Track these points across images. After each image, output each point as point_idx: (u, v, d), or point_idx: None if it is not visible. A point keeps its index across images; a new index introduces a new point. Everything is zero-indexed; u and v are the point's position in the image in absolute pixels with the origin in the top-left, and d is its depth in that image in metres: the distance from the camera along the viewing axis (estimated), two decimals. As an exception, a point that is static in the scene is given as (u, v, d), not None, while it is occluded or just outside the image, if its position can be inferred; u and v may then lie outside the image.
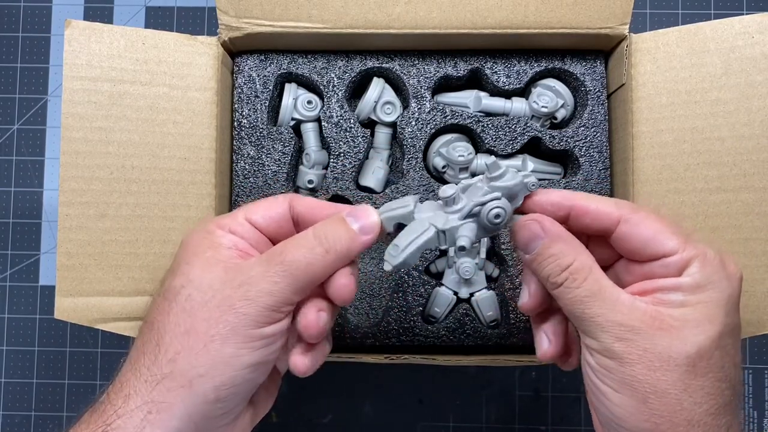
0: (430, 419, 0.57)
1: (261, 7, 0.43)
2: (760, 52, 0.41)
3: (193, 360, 0.29)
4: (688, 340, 0.29)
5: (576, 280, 0.30)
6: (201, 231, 0.33)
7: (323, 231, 0.32)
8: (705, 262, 0.30)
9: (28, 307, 0.59)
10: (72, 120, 0.41)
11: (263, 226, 0.33)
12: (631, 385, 0.29)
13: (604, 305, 0.30)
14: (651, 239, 0.31)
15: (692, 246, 0.30)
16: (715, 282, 0.30)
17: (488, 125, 0.46)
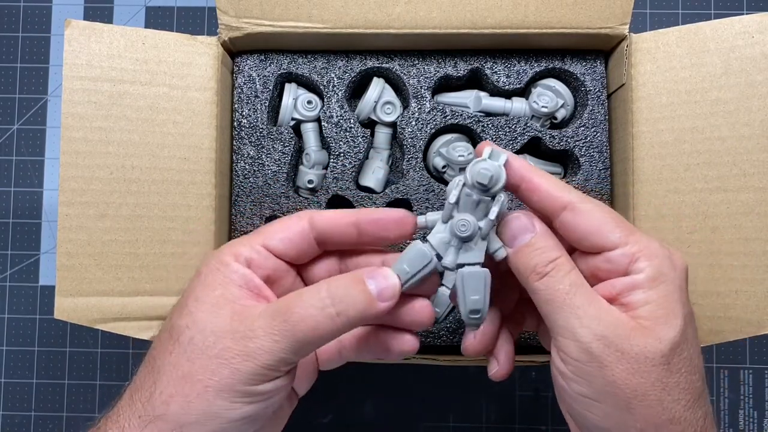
0: (431, 419, 0.57)
1: (261, 7, 0.43)
2: (760, 52, 0.41)
3: (186, 407, 0.29)
4: (662, 338, 0.29)
5: (561, 271, 0.30)
6: (215, 261, 0.31)
7: (337, 291, 0.29)
8: (651, 254, 0.30)
9: (28, 307, 0.59)
10: (72, 120, 0.41)
11: (282, 252, 0.32)
12: (612, 393, 0.29)
13: (585, 298, 0.30)
14: (595, 231, 0.30)
15: (635, 239, 0.30)
16: (666, 274, 0.30)
17: (488, 125, 0.46)
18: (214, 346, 0.29)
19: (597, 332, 0.29)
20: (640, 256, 0.30)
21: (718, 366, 0.57)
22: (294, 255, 0.32)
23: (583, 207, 0.31)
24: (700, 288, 0.41)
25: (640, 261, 0.30)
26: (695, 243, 0.41)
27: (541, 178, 0.32)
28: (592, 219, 0.30)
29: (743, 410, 0.57)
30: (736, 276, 0.40)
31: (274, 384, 0.30)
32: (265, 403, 0.30)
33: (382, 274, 0.30)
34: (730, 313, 0.40)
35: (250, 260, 0.31)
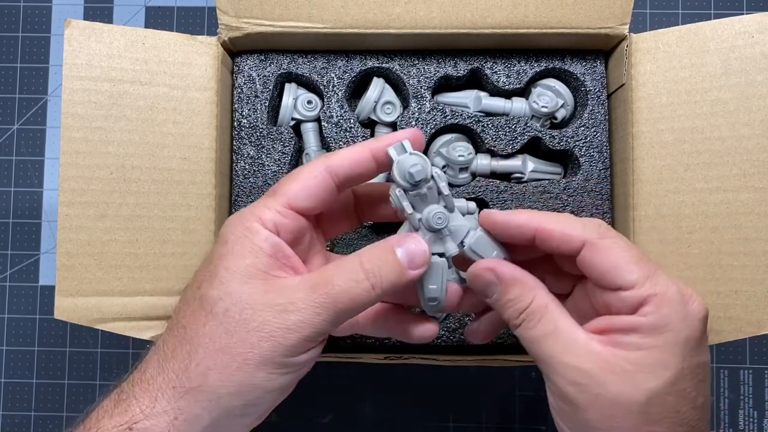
0: (430, 419, 0.57)
1: (261, 7, 0.43)
2: (760, 52, 0.41)
3: (225, 379, 0.29)
4: (639, 386, 0.28)
5: (531, 321, 0.30)
6: (240, 227, 0.31)
7: (371, 263, 0.30)
8: (663, 301, 0.29)
9: (28, 307, 0.59)
10: (72, 120, 0.41)
11: (307, 208, 0.32)
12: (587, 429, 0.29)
13: (557, 345, 0.29)
14: (612, 269, 0.30)
15: (653, 282, 0.29)
16: (672, 324, 0.29)
17: (488, 125, 0.46)
18: (252, 319, 0.29)
19: (570, 378, 0.29)
20: (651, 301, 0.29)
21: (718, 366, 0.57)
22: (318, 208, 0.32)
23: (601, 244, 0.30)
24: (700, 288, 0.41)
25: (648, 305, 0.29)
26: (695, 243, 0.41)
27: (552, 223, 0.31)
28: (610, 257, 0.30)
29: (743, 410, 0.57)
30: (736, 276, 0.40)
31: (310, 354, 0.30)
32: (298, 373, 0.31)
33: (413, 241, 0.31)
34: (730, 313, 0.40)
35: (278, 224, 0.31)
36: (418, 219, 0.32)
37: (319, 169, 0.32)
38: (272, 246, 0.31)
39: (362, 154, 0.32)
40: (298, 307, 0.29)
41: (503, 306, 0.31)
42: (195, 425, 0.29)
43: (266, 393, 0.30)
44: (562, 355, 0.29)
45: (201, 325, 0.30)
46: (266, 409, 0.32)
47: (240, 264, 0.30)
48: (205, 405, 0.29)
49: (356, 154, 0.32)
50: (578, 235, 0.30)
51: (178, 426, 0.29)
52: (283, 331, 0.29)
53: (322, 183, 0.32)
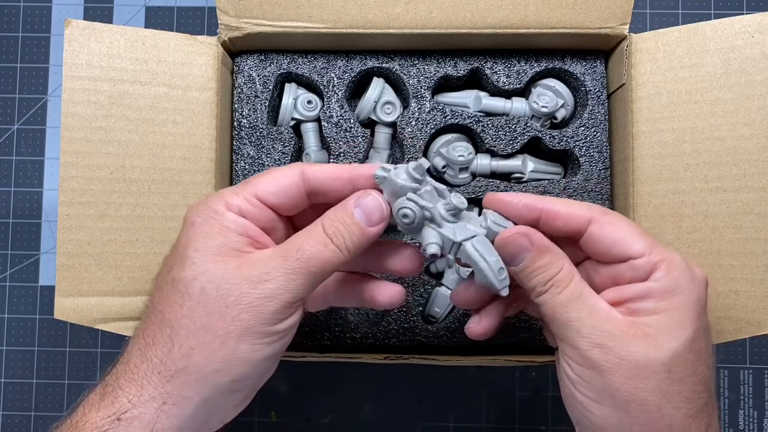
0: (430, 419, 0.57)
1: (261, 7, 0.43)
2: (760, 52, 0.41)
3: (210, 356, 0.29)
4: (662, 347, 0.29)
5: (560, 287, 0.31)
6: (207, 210, 0.31)
7: (334, 226, 0.31)
8: (672, 266, 0.30)
9: (28, 307, 0.59)
10: (72, 120, 0.41)
11: (274, 204, 0.32)
12: (611, 395, 0.29)
13: (583, 309, 0.30)
14: (619, 240, 0.31)
15: (659, 250, 0.31)
16: (683, 286, 0.30)
17: (488, 125, 0.46)
18: (229, 294, 0.29)
19: (595, 341, 0.30)
20: (661, 266, 0.30)
21: (718, 366, 0.57)
22: (286, 207, 0.33)
23: (607, 219, 0.32)
24: (700, 288, 0.41)
25: (658, 270, 0.30)
26: (695, 243, 0.41)
27: (557, 204, 0.32)
28: (617, 229, 0.31)
29: (743, 410, 0.57)
30: (736, 276, 0.40)
31: (291, 320, 0.31)
32: (283, 341, 0.31)
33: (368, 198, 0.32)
34: (730, 313, 0.40)
35: (243, 211, 0.31)
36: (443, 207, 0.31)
37: (293, 171, 0.32)
38: (240, 226, 0.31)
39: (341, 173, 0.32)
40: (273, 276, 0.30)
41: (532, 272, 0.32)
42: (185, 407, 0.30)
43: (253, 365, 0.30)
44: (588, 318, 0.30)
45: (178, 307, 0.30)
46: (256, 382, 0.32)
47: (210, 244, 0.30)
48: (192, 386, 0.29)
49: (335, 171, 0.32)
50: (583, 214, 0.32)
51: (167, 410, 0.29)
52: (262, 300, 0.29)
53: (294, 185, 0.32)
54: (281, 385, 0.57)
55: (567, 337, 0.31)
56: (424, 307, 0.46)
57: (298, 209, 0.33)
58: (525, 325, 0.45)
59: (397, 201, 0.31)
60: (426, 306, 0.46)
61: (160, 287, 0.31)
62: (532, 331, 0.45)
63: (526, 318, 0.45)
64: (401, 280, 0.45)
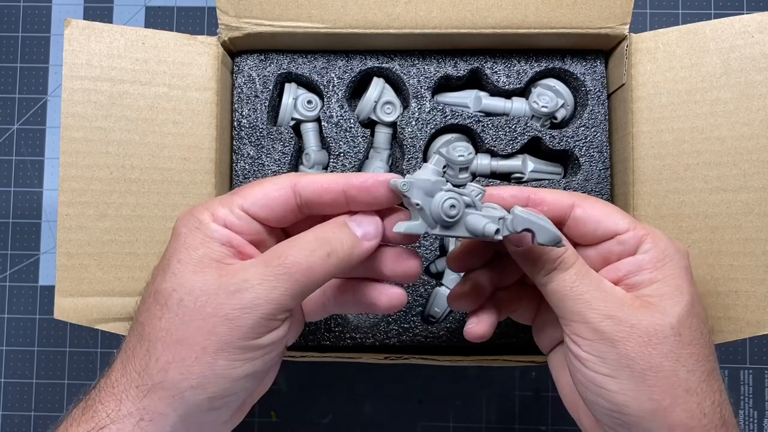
0: (430, 419, 0.57)
1: (261, 7, 0.43)
2: (760, 52, 0.41)
3: (185, 371, 0.28)
4: (667, 311, 0.30)
5: (566, 264, 0.31)
6: (192, 221, 0.30)
7: (324, 234, 0.30)
8: (656, 238, 0.32)
9: (28, 307, 0.59)
10: (72, 120, 0.41)
11: (261, 217, 0.31)
12: (627, 365, 0.30)
13: (591, 284, 0.31)
14: (604, 219, 0.32)
15: (641, 225, 0.32)
16: (671, 254, 0.32)
17: (488, 125, 0.46)
18: (206, 305, 0.28)
19: (605, 312, 0.30)
20: (647, 239, 0.32)
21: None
22: (275, 221, 0.31)
23: (589, 201, 0.33)
24: (700, 288, 0.41)
25: (645, 243, 0.32)
26: (695, 243, 0.41)
27: (542, 191, 0.33)
28: (601, 209, 0.33)
29: (743, 410, 0.57)
30: (736, 276, 0.40)
31: (274, 335, 0.29)
32: (265, 358, 0.30)
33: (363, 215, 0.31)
34: (730, 313, 0.40)
35: (229, 223, 0.30)
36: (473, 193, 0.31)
37: (284, 184, 0.31)
38: (224, 236, 0.30)
39: (333, 184, 0.31)
40: (251, 285, 0.28)
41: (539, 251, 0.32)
42: (161, 425, 0.28)
43: (232, 382, 0.29)
44: (596, 291, 0.31)
45: (157, 320, 0.29)
46: (238, 401, 0.30)
47: (192, 255, 0.29)
48: (168, 402, 0.28)
49: (327, 183, 0.31)
50: (566, 199, 0.33)
51: (144, 427, 0.28)
52: (239, 312, 0.28)
53: (283, 197, 0.31)
54: (281, 385, 0.57)
55: (577, 312, 0.31)
56: (424, 307, 0.46)
57: (288, 222, 0.32)
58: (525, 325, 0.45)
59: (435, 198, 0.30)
60: (426, 306, 0.46)
61: (143, 299, 0.30)
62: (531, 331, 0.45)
63: (526, 318, 0.45)
64: (401, 280, 0.45)
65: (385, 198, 0.31)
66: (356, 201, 0.31)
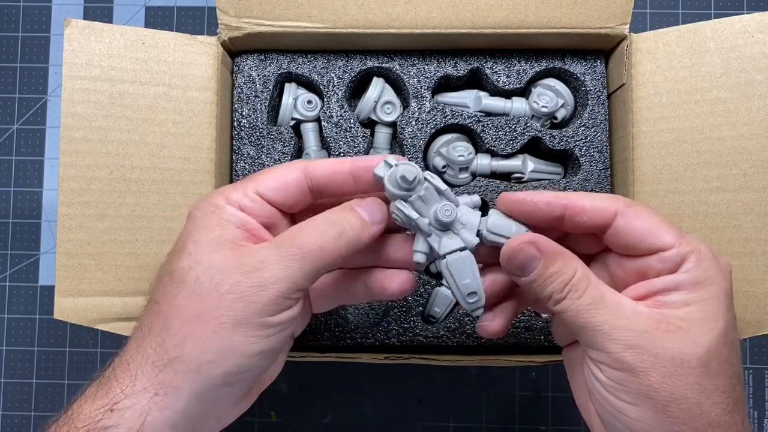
0: (430, 419, 0.57)
1: (261, 7, 0.43)
2: (760, 52, 0.41)
3: (202, 346, 0.29)
4: (697, 340, 0.28)
5: (578, 291, 0.30)
6: (209, 205, 0.31)
7: (335, 216, 0.31)
8: (700, 257, 0.29)
9: (27, 307, 0.59)
10: (72, 120, 0.41)
11: (276, 200, 0.32)
12: (648, 396, 0.28)
13: (608, 311, 0.29)
14: (648, 233, 0.30)
15: (687, 241, 0.30)
16: (712, 277, 0.29)
17: (488, 125, 0.46)
18: (223, 283, 0.29)
19: (627, 342, 0.28)
20: (691, 257, 0.29)
21: (718, 366, 0.57)
22: (288, 204, 0.32)
23: (633, 211, 0.30)
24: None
25: (688, 261, 0.29)
26: (695, 243, 0.41)
27: (581, 198, 0.31)
28: (645, 221, 0.30)
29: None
30: (736, 276, 0.40)
31: (288, 314, 0.30)
32: (278, 336, 0.30)
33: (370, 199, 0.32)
34: (730, 313, 0.40)
35: (243, 206, 0.31)
36: (427, 223, 0.32)
37: (295, 168, 0.32)
38: (239, 219, 0.31)
39: (341, 166, 0.32)
40: (267, 264, 0.29)
41: (546, 280, 0.30)
42: (177, 399, 0.29)
43: (247, 359, 0.30)
44: (616, 320, 0.29)
45: (173, 297, 0.30)
46: (250, 380, 0.31)
47: (208, 236, 0.30)
48: (184, 376, 0.29)
49: (335, 165, 0.32)
50: (608, 207, 0.31)
51: (159, 401, 0.29)
52: (255, 289, 0.29)
53: (296, 181, 0.32)
54: (281, 385, 0.57)
55: (596, 342, 0.29)
56: (424, 307, 0.46)
57: (300, 206, 0.33)
58: (525, 325, 0.45)
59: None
60: (426, 306, 0.46)
61: (158, 278, 0.31)
62: (532, 331, 0.45)
63: (526, 318, 0.45)
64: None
65: None
66: (363, 181, 0.32)
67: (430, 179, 0.32)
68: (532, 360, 0.42)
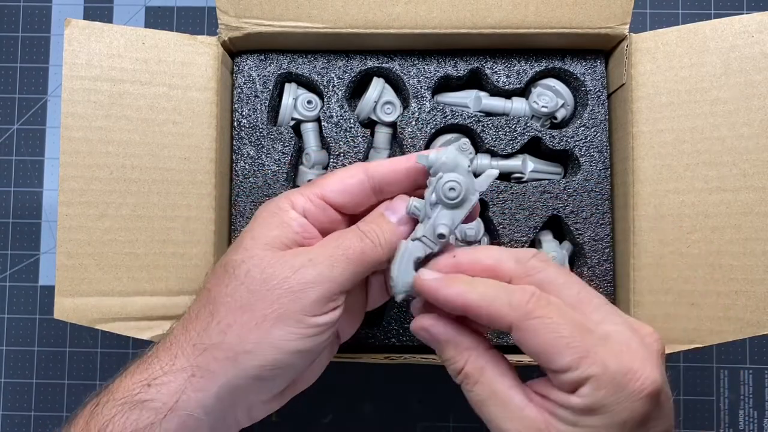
0: (430, 419, 0.57)
1: (261, 7, 0.43)
2: (760, 52, 0.41)
3: (243, 335, 0.30)
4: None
5: (468, 383, 0.31)
6: (273, 206, 0.33)
7: (367, 225, 0.33)
8: (600, 383, 0.27)
9: (27, 307, 0.59)
10: (72, 120, 0.41)
11: (338, 202, 0.33)
12: None
13: (496, 410, 0.30)
14: (543, 352, 0.28)
15: (589, 362, 0.28)
16: (608, 405, 0.28)
17: (488, 125, 0.46)
18: (273, 277, 0.30)
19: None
20: (587, 383, 0.28)
21: (718, 366, 0.57)
22: (351, 205, 0.34)
23: (529, 326, 0.29)
24: (700, 288, 0.41)
25: (585, 386, 0.28)
26: (695, 243, 0.41)
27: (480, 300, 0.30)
28: (539, 339, 0.28)
29: (743, 410, 0.57)
30: (736, 276, 0.40)
31: (329, 317, 0.31)
32: (318, 338, 0.31)
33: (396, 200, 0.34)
34: (730, 313, 0.40)
35: (306, 210, 0.33)
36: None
37: (357, 169, 0.34)
38: (300, 224, 0.32)
39: (399, 164, 0.33)
40: (314, 263, 0.31)
41: (445, 362, 0.32)
42: (211, 382, 0.30)
43: (284, 354, 0.30)
44: (501, 421, 0.30)
45: (224, 286, 0.31)
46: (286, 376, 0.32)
47: (267, 234, 0.32)
48: (222, 363, 0.30)
49: (395, 163, 0.34)
50: (504, 315, 0.29)
51: (195, 383, 0.30)
52: (302, 286, 0.30)
53: (357, 183, 0.33)
54: (281, 385, 0.57)
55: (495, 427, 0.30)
56: (424, 307, 0.46)
57: (362, 207, 0.34)
58: (525, 325, 0.45)
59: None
60: (426, 306, 0.46)
61: (213, 269, 0.33)
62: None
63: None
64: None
65: None
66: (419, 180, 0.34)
67: None
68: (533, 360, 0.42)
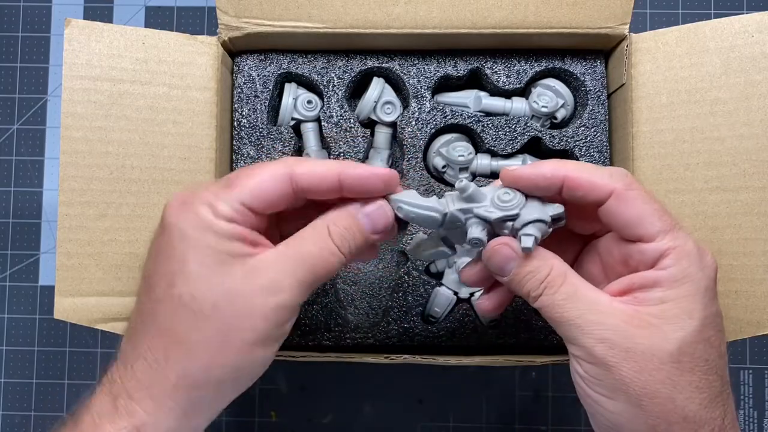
0: (430, 419, 0.57)
1: (261, 7, 0.43)
2: (760, 51, 0.41)
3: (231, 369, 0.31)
4: (669, 337, 0.29)
5: (553, 287, 0.31)
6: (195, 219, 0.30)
7: (341, 234, 0.32)
8: (681, 253, 0.30)
9: (27, 307, 0.59)
10: (72, 120, 0.41)
11: (259, 209, 0.31)
12: (623, 390, 0.29)
13: (582, 306, 0.30)
14: (634, 221, 0.30)
15: (673, 236, 0.30)
16: (691, 274, 0.30)
17: (488, 125, 0.46)
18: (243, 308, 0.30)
19: (598, 336, 0.29)
20: (671, 254, 0.30)
21: (718, 366, 0.57)
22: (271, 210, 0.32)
23: (627, 195, 0.31)
24: (700, 288, 0.41)
25: (668, 258, 0.30)
26: (695, 243, 0.41)
27: (578, 171, 0.31)
28: (634, 207, 0.30)
29: (743, 410, 0.57)
30: (736, 276, 0.40)
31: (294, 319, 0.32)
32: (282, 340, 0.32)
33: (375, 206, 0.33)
34: (730, 313, 0.40)
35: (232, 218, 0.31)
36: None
37: (280, 172, 0.31)
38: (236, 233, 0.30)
39: (330, 174, 0.31)
40: (283, 288, 0.30)
41: (522, 279, 0.31)
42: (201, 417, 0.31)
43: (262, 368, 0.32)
44: (588, 314, 0.30)
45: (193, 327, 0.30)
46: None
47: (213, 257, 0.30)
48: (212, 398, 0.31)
49: (324, 172, 0.31)
50: (605, 184, 0.31)
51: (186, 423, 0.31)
52: (274, 311, 0.30)
53: (280, 187, 0.31)
54: (281, 385, 0.57)
55: (571, 336, 0.30)
56: (424, 307, 0.46)
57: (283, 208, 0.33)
58: (525, 325, 0.45)
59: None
60: (426, 306, 0.46)
61: (160, 302, 0.30)
62: (532, 331, 0.45)
63: (526, 318, 0.45)
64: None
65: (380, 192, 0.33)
66: (352, 191, 0.32)
67: None
68: (532, 360, 0.42)
